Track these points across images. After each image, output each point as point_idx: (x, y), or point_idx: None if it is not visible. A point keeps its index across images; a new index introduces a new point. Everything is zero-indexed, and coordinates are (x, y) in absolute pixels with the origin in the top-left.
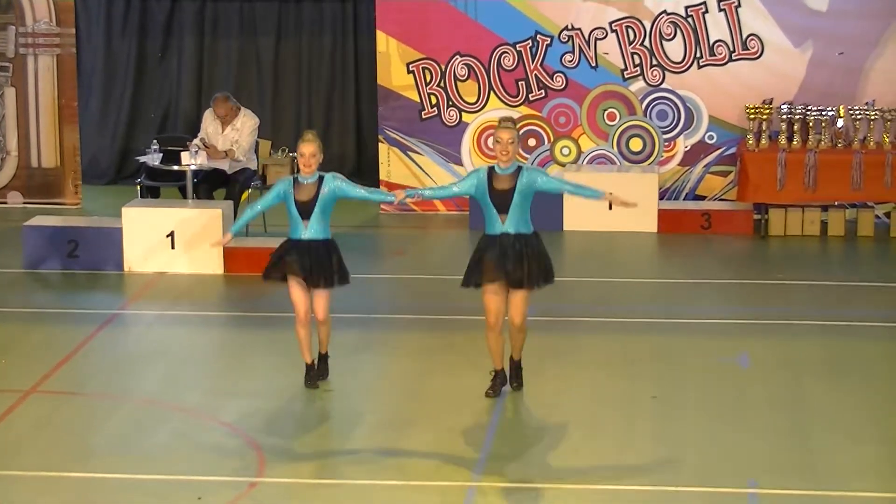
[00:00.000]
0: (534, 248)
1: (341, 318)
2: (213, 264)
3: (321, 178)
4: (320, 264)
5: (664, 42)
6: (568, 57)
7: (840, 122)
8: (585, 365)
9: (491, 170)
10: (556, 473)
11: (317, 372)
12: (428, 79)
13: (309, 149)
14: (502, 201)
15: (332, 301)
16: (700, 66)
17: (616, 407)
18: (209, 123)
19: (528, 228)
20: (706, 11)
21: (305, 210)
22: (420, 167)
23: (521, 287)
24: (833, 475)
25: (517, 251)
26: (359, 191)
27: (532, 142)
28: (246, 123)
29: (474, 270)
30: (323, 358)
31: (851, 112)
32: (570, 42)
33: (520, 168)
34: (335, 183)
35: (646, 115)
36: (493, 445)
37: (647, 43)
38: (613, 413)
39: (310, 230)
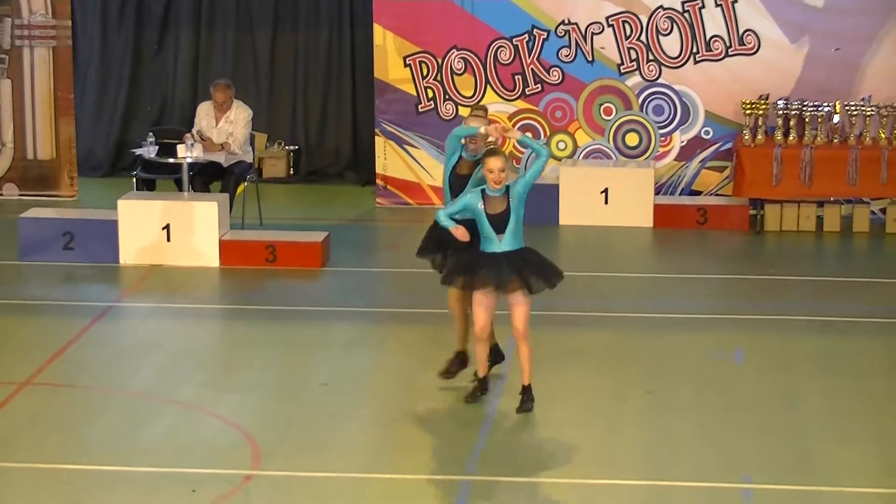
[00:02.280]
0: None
1: (335, 312)
2: (208, 257)
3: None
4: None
5: (661, 37)
6: (564, 51)
7: (836, 118)
8: (579, 360)
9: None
10: (550, 468)
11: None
12: (424, 72)
13: (498, 164)
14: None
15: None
16: (696, 62)
17: (610, 402)
18: (203, 117)
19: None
20: (703, 7)
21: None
22: (416, 160)
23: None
24: (825, 471)
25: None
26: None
27: (528, 136)
28: (240, 115)
29: (461, 273)
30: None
31: (847, 108)
32: (566, 36)
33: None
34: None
35: (642, 110)
36: (487, 439)
37: (643, 38)
38: (607, 408)
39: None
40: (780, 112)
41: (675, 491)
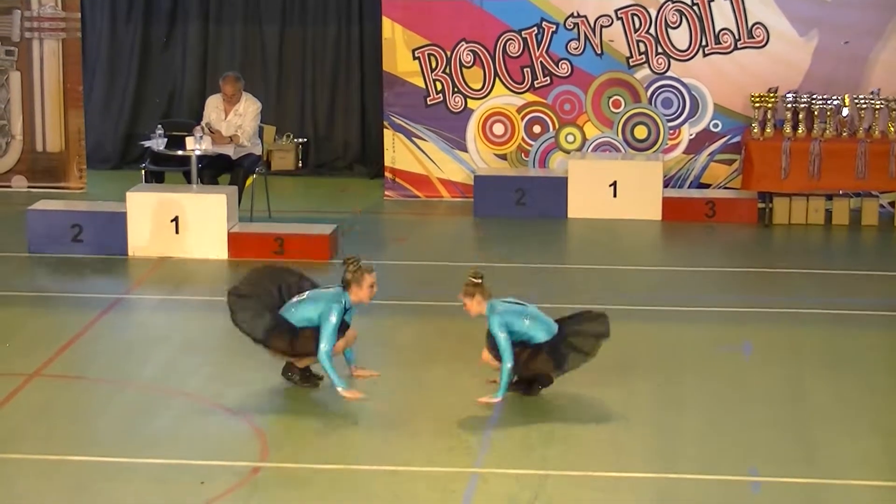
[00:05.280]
0: None
1: None
2: (217, 249)
3: None
4: None
5: (669, 30)
6: (573, 44)
7: (845, 111)
8: None
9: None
10: (558, 460)
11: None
12: (433, 65)
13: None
14: None
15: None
16: (705, 55)
17: (618, 394)
18: (212, 110)
19: None
20: (712, 0)
21: None
22: (425, 153)
23: None
24: (833, 464)
25: None
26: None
27: (537, 129)
28: (249, 108)
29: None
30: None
31: (856, 101)
32: (575, 29)
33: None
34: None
35: (651, 103)
36: (495, 432)
37: (652, 31)
38: (615, 400)
39: None
40: (789, 105)
41: (684, 483)
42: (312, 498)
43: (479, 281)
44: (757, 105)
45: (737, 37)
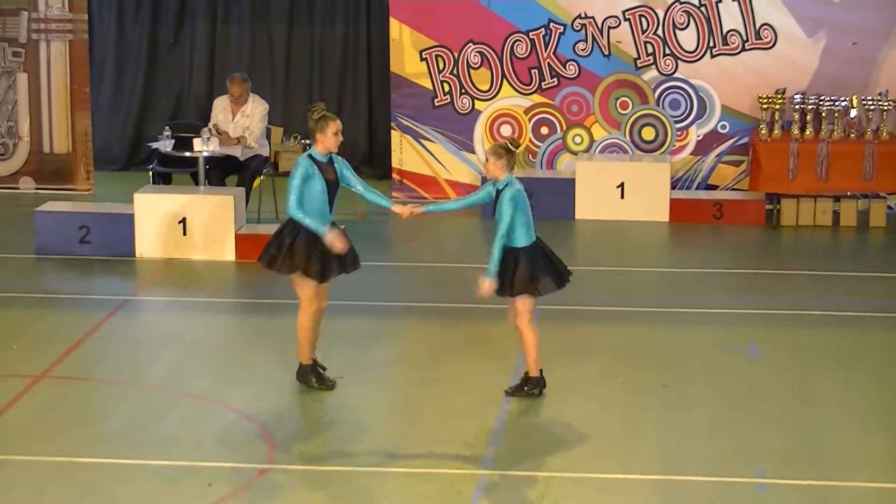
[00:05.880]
0: None
1: (352, 306)
2: (224, 251)
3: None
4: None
5: (677, 31)
6: (581, 45)
7: (853, 113)
8: (595, 353)
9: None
10: (566, 461)
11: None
12: (441, 66)
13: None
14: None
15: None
16: (713, 56)
17: (625, 395)
18: (220, 111)
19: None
20: (719, 1)
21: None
22: (432, 154)
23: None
24: (841, 465)
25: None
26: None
27: (545, 130)
28: (256, 109)
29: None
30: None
31: (864, 102)
32: (583, 30)
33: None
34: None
35: (658, 105)
36: (504, 434)
37: (660, 32)
38: (622, 402)
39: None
40: (797, 106)
41: (690, 485)
42: (320, 499)
43: (514, 150)
44: (764, 106)
45: (744, 38)
